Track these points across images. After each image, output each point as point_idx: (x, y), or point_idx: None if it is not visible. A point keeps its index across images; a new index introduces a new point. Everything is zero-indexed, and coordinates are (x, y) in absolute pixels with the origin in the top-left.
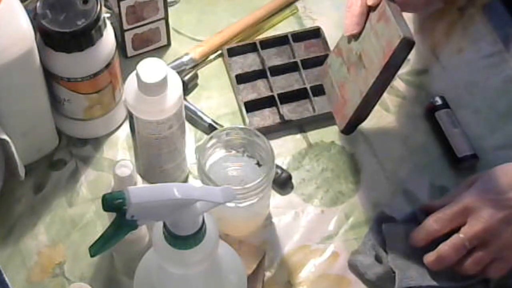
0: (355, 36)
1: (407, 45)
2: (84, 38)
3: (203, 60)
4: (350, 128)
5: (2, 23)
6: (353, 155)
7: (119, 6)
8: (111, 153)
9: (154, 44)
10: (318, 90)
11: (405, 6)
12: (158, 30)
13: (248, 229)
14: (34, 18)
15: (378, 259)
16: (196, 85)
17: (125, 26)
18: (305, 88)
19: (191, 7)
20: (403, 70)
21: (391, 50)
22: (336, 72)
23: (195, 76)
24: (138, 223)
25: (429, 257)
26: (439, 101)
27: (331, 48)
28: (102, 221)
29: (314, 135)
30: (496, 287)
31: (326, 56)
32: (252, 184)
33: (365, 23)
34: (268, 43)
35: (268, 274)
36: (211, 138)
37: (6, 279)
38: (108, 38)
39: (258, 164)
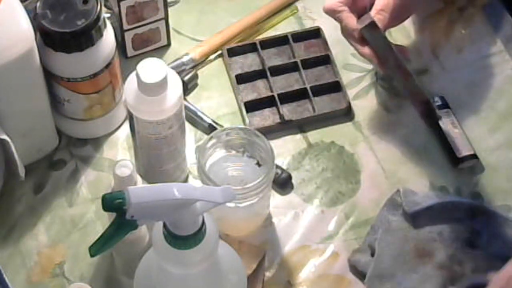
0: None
1: (370, 29)
2: (84, 38)
3: (203, 60)
4: (427, 114)
5: (2, 23)
6: (353, 155)
7: (119, 6)
8: (111, 153)
9: (154, 44)
10: (318, 90)
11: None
12: (158, 30)
13: (248, 229)
14: (34, 18)
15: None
16: (196, 85)
17: (125, 26)
18: (305, 88)
19: (191, 7)
20: None
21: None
22: None
23: (195, 76)
24: (138, 223)
25: None
26: (439, 101)
27: (331, 48)
28: (102, 221)
29: (314, 135)
30: None
31: (326, 56)
32: (252, 184)
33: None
34: (268, 43)
35: (268, 274)
36: (211, 138)
37: (6, 279)
38: (108, 38)
39: (258, 164)
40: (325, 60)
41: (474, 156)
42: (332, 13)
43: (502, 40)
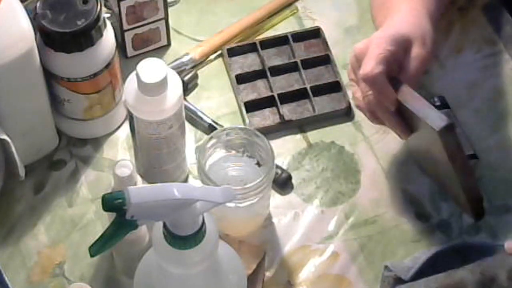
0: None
1: (446, 131)
2: (84, 38)
3: (203, 60)
4: (478, 212)
5: (2, 23)
6: (353, 155)
7: (119, 6)
8: (111, 153)
9: (154, 44)
10: (318, 90)
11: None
12: (158, 30)
13: (248, 229)
14: (34, 18)
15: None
16: (196, 85)
17: (125, 26)
18: (305, 88)
19: (191, 7)
20: None
21: (443, 147)
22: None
23: (195, 76)
24: (138, 223)
25: None
26: (438, 101)
27: (331, 48)
28: (102, 221)
29: (314, 135)
30: None
31: (326, 56)
32: (252, 184)
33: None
34: (268, 43)
35: (268, 274)
36: (211, 138)
37: (6, 279)
38: (108, 38)
39: (258, 164)
40: (325, 60)
41: (474, 156)
42: (374, 81)
43: (502, 40)
